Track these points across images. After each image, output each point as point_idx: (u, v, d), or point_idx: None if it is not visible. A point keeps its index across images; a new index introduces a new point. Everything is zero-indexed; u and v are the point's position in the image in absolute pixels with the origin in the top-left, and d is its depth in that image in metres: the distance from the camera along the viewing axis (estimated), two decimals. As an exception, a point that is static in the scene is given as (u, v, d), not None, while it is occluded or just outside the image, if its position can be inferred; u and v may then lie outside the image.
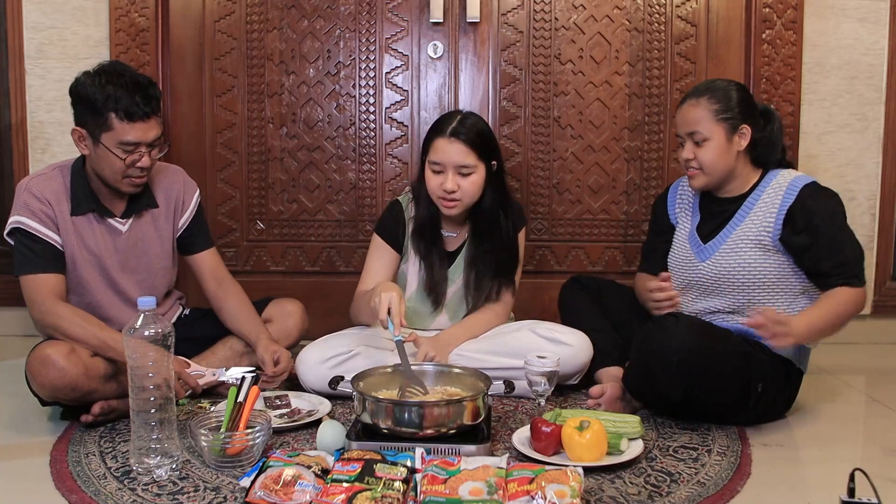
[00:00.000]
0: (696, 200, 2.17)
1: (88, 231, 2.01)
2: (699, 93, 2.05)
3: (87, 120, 1.91)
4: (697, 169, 2.05)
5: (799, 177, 2.03)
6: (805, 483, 1.69)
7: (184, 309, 2.31)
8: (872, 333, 2.93)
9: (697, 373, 1.84)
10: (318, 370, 2.11)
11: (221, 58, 2.78)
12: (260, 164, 2.82)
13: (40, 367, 1.85)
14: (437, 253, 2.27)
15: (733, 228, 2.05)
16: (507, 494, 1.45)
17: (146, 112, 1.90)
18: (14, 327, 2.87)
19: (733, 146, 2.03)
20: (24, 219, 1.94)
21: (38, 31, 2.74)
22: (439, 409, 1.72)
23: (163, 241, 2.14)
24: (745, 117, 2.03)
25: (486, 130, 2.21)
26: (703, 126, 2.02)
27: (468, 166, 2.14)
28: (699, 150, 2.03)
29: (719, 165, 2.03)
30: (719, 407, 1.93)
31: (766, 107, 2.16)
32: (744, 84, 2.25)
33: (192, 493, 1.57)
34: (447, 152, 2.14)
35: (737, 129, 2.02)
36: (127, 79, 1.90)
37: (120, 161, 1.91)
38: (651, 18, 2.77)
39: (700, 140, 2.02)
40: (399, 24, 2.77)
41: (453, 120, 2.17)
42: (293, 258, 2.87)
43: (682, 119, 2.07)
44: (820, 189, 2.01)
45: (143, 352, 1.60)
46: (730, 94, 2.03)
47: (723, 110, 2.01)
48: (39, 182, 1.98)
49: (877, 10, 2.78)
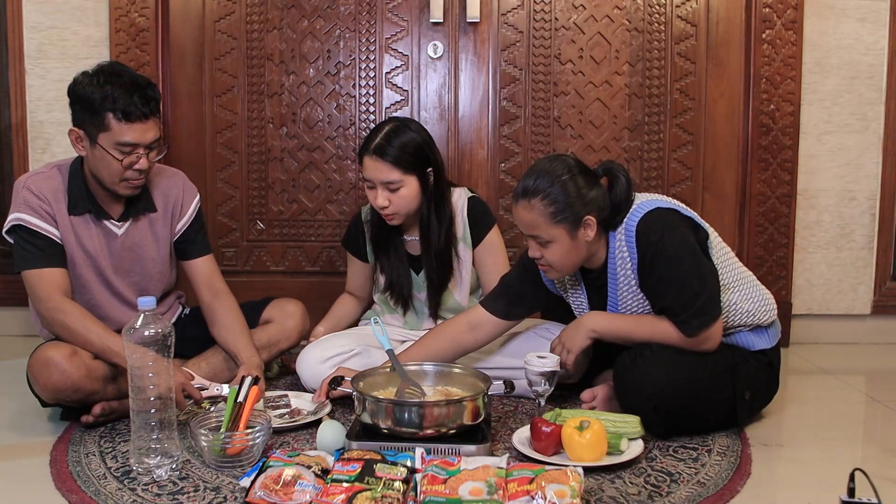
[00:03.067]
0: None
1: (85, 231, 1.99)
2: (530, 192, 1.81)
3: (85, 120, 1.89)
4: (548, 266, 1.89)
5: (630, 216, 1.84)
6: (805, 483, 1.69)
7: (184, 308, 2.30)
8: (872, 333, 2.93)
9: (677, 408, 1.82)
10: (318, 370, 2.11)
11: (221, 58, 2.78)
12: (260, 164, 2.82)
13: (42, 370, 1.85)
14: (397, 257, 2.28)
15: (615, 298, 1.93)
16: (507, 494, 1.45)
17: (144, 113, 1.87)
18: (14, 327, 2.87)
19: (580, 240, 1.83)
20: (24, 215, 1.93)
21: (38, 31, 2.74)
22: (439, 409, 1.72)
23: (159, 245, 2.11)
24: (586, 207, 1.81)
25: (414, 142, 2.14)
26: (541, 231, 1.82)
27: (393, 182, 2.13)
28: (545, 251, 1.85)
29: (569, 261, 1.86)
30: (709, 423, 1.91)
31: (608, 166, 1.89)
32: (576, 160, 1.87)
33: (192, 493, 1.57)
34: (372, 170, 2.14)
35: (580, 223, 1.81)
36: (126, 79, 1.87)
37: (117, 162, 1.89)
38: (651, 18, 2.77)
39: (543, 242, 1.84)
40: (399, 24, 2.77)
41: (378, 135, 2.14)
42: (293, 258, 2.87)
43: (519, 220, 1.87)
44: (653, 226, 1.81)
45: (143, 352, 1.60)
46: (565, 188, 1.79)
47: (559, 211, 1.80)
48: (38, 180, 1.97)
49: (877, 10, 2.79)
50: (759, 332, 1.96)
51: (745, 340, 1.96)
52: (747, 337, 1.95)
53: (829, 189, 2.87)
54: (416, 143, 2.16)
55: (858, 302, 2.91)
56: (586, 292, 2.02)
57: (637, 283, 1.87)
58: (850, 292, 2.91)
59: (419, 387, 1.88)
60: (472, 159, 2.81)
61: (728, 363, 1.89)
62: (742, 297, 1.93)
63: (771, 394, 2.03)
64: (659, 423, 1.84)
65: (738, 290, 1.93)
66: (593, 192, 1.83)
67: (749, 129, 2.79)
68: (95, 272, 2.02)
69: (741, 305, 1.92)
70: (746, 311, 1.93)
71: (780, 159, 2.79)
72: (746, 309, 1.93)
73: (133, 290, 2.07)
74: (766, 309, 1.95)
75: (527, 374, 1.90)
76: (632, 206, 1.87)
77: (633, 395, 1.84)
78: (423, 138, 2.18)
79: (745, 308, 1.92)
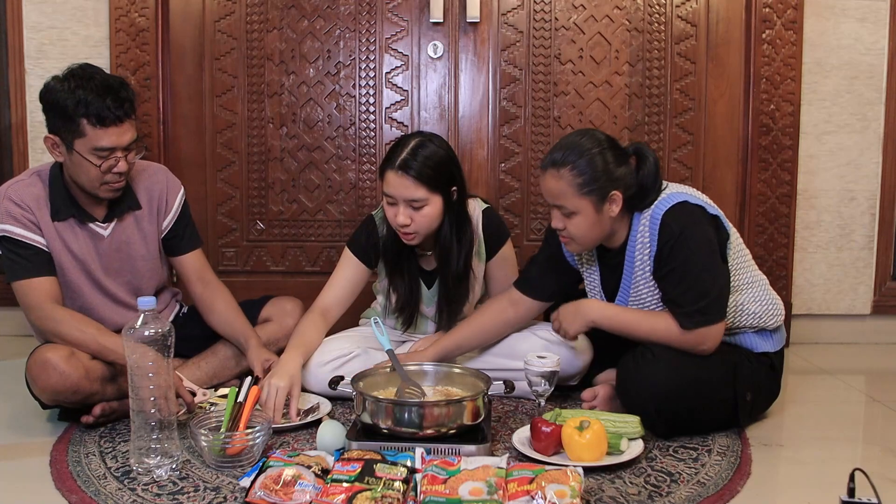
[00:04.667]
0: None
1: (71, 236, 1.97)
2: (559, 163, 1.83)
3: (59, 126, 1.85)
4: (569, 238, 1.89)
5: (658, 204, 1.85)
6: (805, 483, 1.69)
7: (181, 307, 2.30)
8: (872, 333, 2.93)
9: (680, 409, 1.83)
10: (317, 373, 2.10)
11: (221, 58, 2.78)
12: (260, 164, 2.82)
13: (40, 372, 1.84)
14: (409, 274, 2.20)
15: (629, 281, 1.94)
16: (507, 494, 1.45)
17: (118, 116, 1.83)
18: (13, 327, 2.87)
19: (604, 215, 1.85)
20: (8, 226, 1.90)
21: (38, 31, 2.74)
22: (439, 409, 1.72)
23: (148, 243, 2.09)
24: (613, 182, 1.82)
25: (442, 159, 2.05)
26: (567, 201, 1.83)
27: (418, 200, 2.03)
28: (568, 223, 1.86)
29: (592, 235, 1.87)
30: (710, 424, 1.91)
31: (638, 147, 1.91)
32: (606, 136, 1.89)
33: (192, 493, 1.57)
34: (396, 186, 2.02)
35: (606, 198, 1.83)
36: (97, 82, 1.84)
37: (95, 168, 1.86)
38: (651, 18, 2.77)
39: (567, 213, 1.85)
40: (399, 24, 2.77)
41: (404, 150, 2.03)
42: (293, 258, 2.87)
43: (546, 189, 1.87)
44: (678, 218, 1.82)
45: (143, 352, 1.60)
46: (594, 161, 1.81)
47: (588, 182, 1.81)
48: (19, 188, 1.94)
49: (877, 10, 2.79)
50: (764, 335, 1.97)
51: (748, 342, 1.96)
52: (751, 338, 1.96)
53: (829, 189, 2.87)
54: (444, 159, 2.07)
55: (858, 302, 2.91)
56: (600, 271, 2.02)
57: (651, 269, 1.88)
58: (850, 292, 2.91)
59: (419, 387, 1.88)
60: (472, 159, 2.81)
61: (729, 363, 1.89)
62: (751, 299, 1.93)
63: (772, 397, 2.03)
64: (662, 423, 1.84)
65: (749, 291, 1.94)
66: (622, 169, 1.85)
67: (749, 129, 2.79)
68: (86, 275, 2.01)
69: (749, 307, 1.93)
70: (754, 313, 1.93)
71: (780, 159, 2.79)
72: (754, 311, 1.93)
73: (125, 289, 2.06)
74: (773, 313, 1.96)
75: (527, 374, 1.90)
76: (661, 194, 1.88)
77: (637, 397, 1.84)
78: (450, 155, 2.10)
79: (753, 310, 1.93)
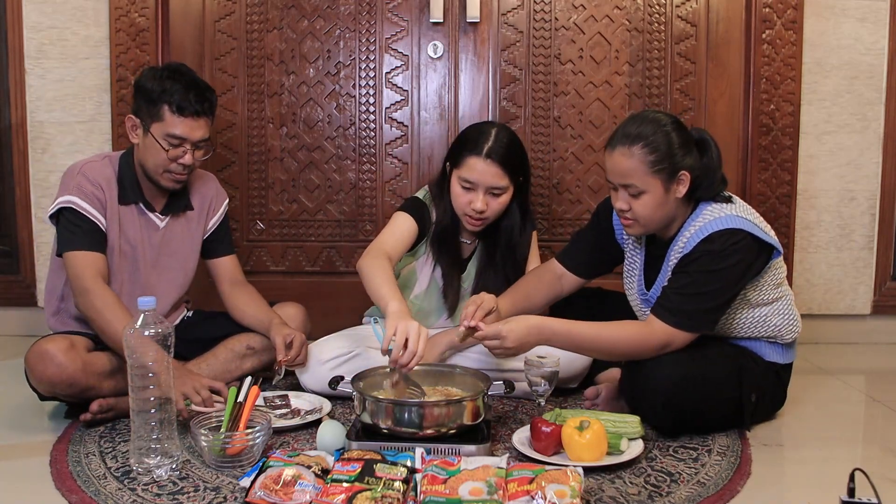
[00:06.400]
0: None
1: (130, 222, 2.07)
2: (630, 140, 1.80)
3: (142, 109, 2.00)
4: (633, 220, 1.87)
5: (717, 219, 1.82)
6: (805, 483, 1.69)
7: (187, 311, 2.32)
8: (872, 333, 2.93)
9: (686, 405, 1.82)
10: (317, 372, 2.11)
11: (221, 58, 2.78)
12: (260, 164, 2.82)
13: (38, 362, 1.87)
14: (455, 261, 2.24)
15: (664, 276, 1.93)
16: (507, 494, 1.45)
17: (197, 110, 1.98)
18: (14, 327, 2.87)
19: (671, 195, 1.83)
20: (76, 198, 1.98)
21: (38, 31, 2.74)
22: (439, 409, 1.72)
23: (193, 242, 2.20)
24: (683, 161, 1.82)
25: (519, 147, 2.14)
26: (637, 179, 1.80)
27: (500, 188, 2.09)
28: (635, 203, 1.84)
29: (657, 217, 1.86)
30: (714, 423, 1.91)
31: (701, 133, 1.91)
32: (675, 117, 1.89)
33: (192, 493, 1.57)
34: (482, 173, 2.07)
35: (675, 177, 1.82)
36: (187, 78, 2.00)
37: (163, 153, 1.98)
38: (651, 18, 2.77)
39: (635, 193, 1.83)
40: (399, 24, 2.77)
41: (489, 137, 2.08)
42: (293, 258, 2.87)
43: (614, 168, 1.84)
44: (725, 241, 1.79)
45: (144, 351, 1.60)
46: (668, 138, 1.80)
47: (659, 160, 1.79)
48: (94, 167, 2.04)
49: (877, 10, 2.79)
50: (777, 346, 1.98)
51: (759, 349, 1.97)
52: (763, 346, 1.97)
53: (829, 189, 2.87)
54: (521, 147, 2.14)
55: (858, 302, 2.91)
56: (644, 258, 2.02)
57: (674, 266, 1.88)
58: (850, 292, 2.91)
59: (419, 387, 1.88)
60: (472, 159, 2.80)
61: (735, 363, 1.90)
62: (775, 312, 1.94)
63: (776, 404, 2.04)
64: (668, 420, 1.84)
65: (776, 305, 1.94)
66: (691, 148, 1.85)
67: (749, 129, 2.79)
68: (131, 263, 2.08)
69: (772, 319, 1.94)
70: (774, 324, 1.94)
71: (780, 159, 2.79)
72: (776, 323, 1.94)
73: (164, 285, 2.13)
74: (791, 328, 1.97)
75: (527, 374, 1.91)
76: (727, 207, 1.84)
77: (644, 392, 1.84)
78: (523, 145, 2.17)
79: (775, 322, 1.94)
